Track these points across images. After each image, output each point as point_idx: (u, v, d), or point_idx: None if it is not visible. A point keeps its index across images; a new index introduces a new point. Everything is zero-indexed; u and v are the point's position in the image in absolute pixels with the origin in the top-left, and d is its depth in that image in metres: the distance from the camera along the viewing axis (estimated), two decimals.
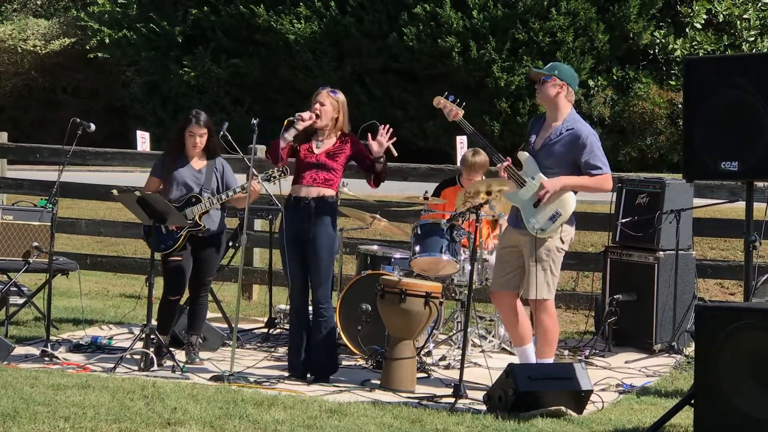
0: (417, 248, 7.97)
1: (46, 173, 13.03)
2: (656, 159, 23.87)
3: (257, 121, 7.71)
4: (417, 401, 7.02)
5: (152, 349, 7.83)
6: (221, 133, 8.32)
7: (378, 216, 8.96)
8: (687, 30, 24.57)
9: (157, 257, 8.13)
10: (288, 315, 8.31)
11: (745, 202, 6.68)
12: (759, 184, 8.60)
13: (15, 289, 9.39)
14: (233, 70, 26.40)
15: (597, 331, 9.20)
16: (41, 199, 9.43)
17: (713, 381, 5.93)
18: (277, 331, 9.19)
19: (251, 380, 7.45)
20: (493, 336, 8.93)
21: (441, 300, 7.79)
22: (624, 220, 9.17)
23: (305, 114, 7.62)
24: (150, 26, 27.28)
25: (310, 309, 7.73)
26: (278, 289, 9.71)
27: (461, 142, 15.76)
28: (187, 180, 8.16)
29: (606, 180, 7.32)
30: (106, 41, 27.97)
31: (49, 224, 8.97)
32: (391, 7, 24.55)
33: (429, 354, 8.33)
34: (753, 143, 6.31)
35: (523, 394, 6.60)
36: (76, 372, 7.63)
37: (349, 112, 7.82)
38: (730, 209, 10.49)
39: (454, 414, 6.59)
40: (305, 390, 7.31)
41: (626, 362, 8.56)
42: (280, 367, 7.96)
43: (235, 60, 26.29)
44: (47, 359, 8.00)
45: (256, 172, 7.92)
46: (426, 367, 7.99)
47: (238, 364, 7.77)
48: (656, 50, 24.69)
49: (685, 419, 6.32)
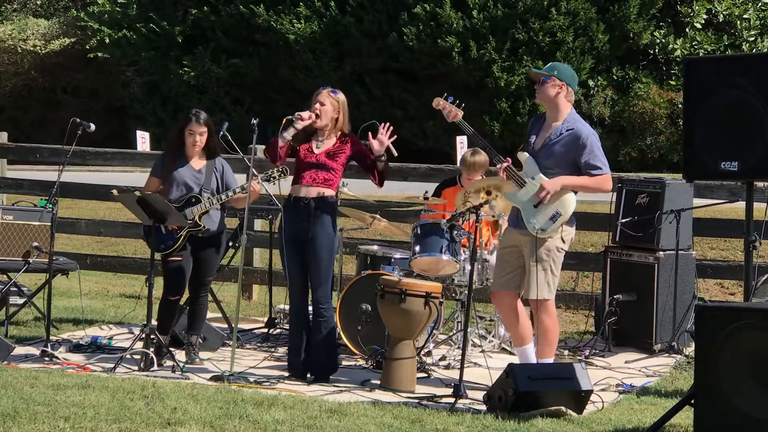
0: (417, 248, 7.97)
1: (46, 173, 13.02)
2: (656, 159, 23.86)
3: (257, 121, 7.70)
4: (417, 401, 7.02)
5: (152, 349, 7.83)
6: (221, 133, 8.32)
7: (378, 216, 8.95)
8: (687, 30, 24.55)
9: (157, 257, 8.13)
10: (288, 315, 8.31)
11: (745, 202, 6.68)
12: (759, 184, 8.60)
13: (15, 289, 9.39)
14: (233, 70, 26.39)
15: (597, 331, 9.19)
16: (41, 199, 9.42)
17: (713, 381, 5.93)
18: (277, 331, 9.19)
19: (251, 380, 7.45)
20: (493, 336, 8.93)
21: (441, 300, 7.79)
22: (624, 220, 9.17)
23: (305, 113, 7.61)
24: (150, 26, 27.26)
25: (310, 309, 7.73)
26: (278, 289, 9.70)
27: (461, 142, 15.74)
28: (187, 180, 8.15)
29: (606, 180, 7.32)
30: (106, 41, 27.96)
31: (49, 224, 8.97)
32: (391, 7, 24.54)
33: (429, 354, 8.33)
34: (753, 143, 6.31)
35: (523, 394, 6.60)
36: (76, 372, 7.62)
37: (349, 112, 7.81)
38: (730, 209, 10.49)
39: (454, 414, 6.58)
40: (305, 390, 7.30)
41: (626, 362, 8.56)
42: (280, 367, 7.96)
43: (235, 60, 26.28)
44: (47, 359, 8.00)
45: (256, 172, 7.92)
46: (426, 367, 7.99)
47: (238, 364, 7.77)
48: (656, 50, 24.67)
49: (685, 419, 6.31)
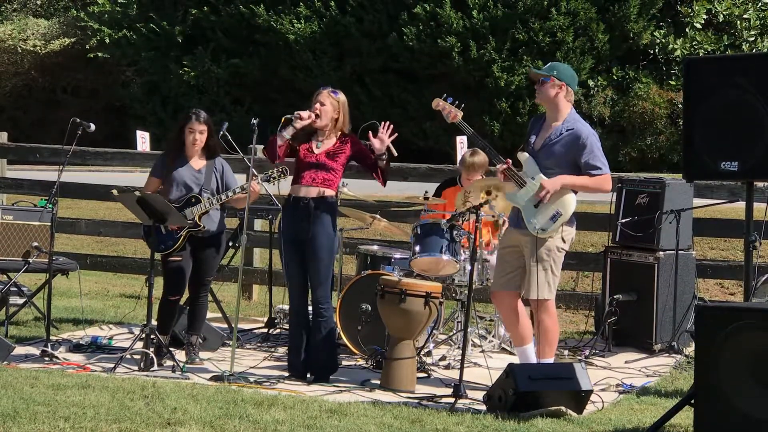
0: (417, 248, 7.96)
1: (46, 173, 13.02)
2: (656, 159, 23.86)
3: (257, 121, 7.70)
4: (417, 401, 7.02)
5: (152, 349, 7.82)
6: (221, 133, 8.32)
7: (378, 216, 8.95)
8: (687, 30, 24.55)
9: (157, 257, 8.13)
10: (288, 315, 8.31)
11: (745, 202, 6.68)
12: (759, 184, 8.60)
13: (15, 289, 9.39)
14: (233, 70, 26.39)
15: (597, 331, 9.19)
16: (41, 199, 9.43)
17: (713, 381, 5.93)
18: (277, 331, 9.19)
19: (251, 380, 7.45)
20: (493, 336, 8.93)
21: (441, 300, 7.79)
22: (624, 220, 9.17)
23: (304, 113, 7.61)
24: (150, 26, 27.26)
25: (310, 309, 7.73)
26: (278, 289, 9.70)
27: (461, 142, 15.74)
28: (187, 180, 8.15)
29: (605, 180, 7.32)
30: (106, 41, 27.96)
31: (49, 224, 8.97)
32: (391, 7, 24.54)
33: (429, 354, 8.33)
34: (753, 143, 6.31)
35: (523, 394, 6.60)
36: (76, 372, 7.62)
37: (350, 112, 7.80)
38: (730, 209, 10.49)
39: (454, 414, 6.58)
40: (305, 390, 7.30)
41: (626, 362, 8.56)
42: (280, 367, 7.96)
43: (235, 60, 26.28)
44: (47, 359, 8.00)
45: (256, 173, 7.91)
46: (426, 367, 7.99)
47: (238, 364, 7.77)
48: (656, 50, 24.67)
49: (685, 419, 6.31)
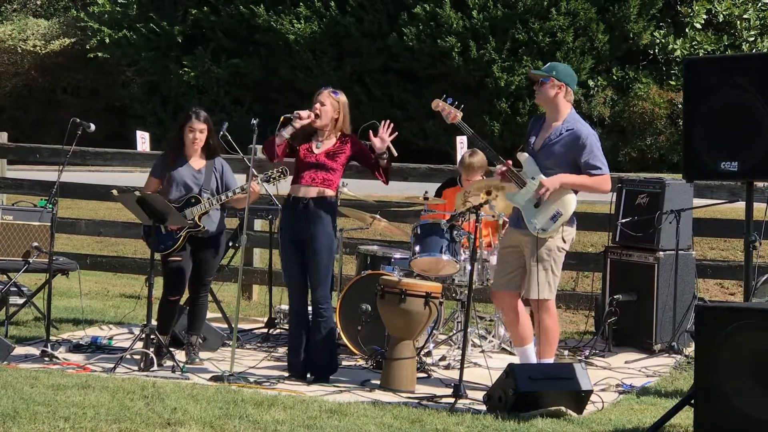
0: (417, 248, 7.96)
1: (46, 173, 13.02)
2: (656, 159, 23.85)
3: (257, 121, 7.70)
4: (417, 401, 7.02)
5: (152, 349, 7.82)
6: (221, 133, 8.32)
7: (378, 216, 8.95)
8: (687, 30, 24.55)
9: (157, 257, 8.13)
10: (288, 315, 8.31)
11: (745, 202, 6.68)
12: (759, 184, 8.60)
13: (15, 289, 9.39)
14: (233, 70, 26.39)
15: (597, 331, 9.19)
16: (41, 199, 9.43)
17: (713, 381, 5.92)
18: (277, 331, 9.20)
19: (251, 380, 7.45)
20: (493, 336, 8.93)
21: (441, 300, 7.79)
22: (624, 220, 9.17)
23: (303, 112, 7.60)
24: (150, 26, 27.26)
25: (310, 309, 7.73)
26: (278, 289, 9.70)
27: (461, 142, 15.73)
28: (187, 180, 8.15)
29: (605, 181, 7.32)
30: (106, 41, 27.96)
31: (49, 224, 8.97)
32: (391, 7, 24.53)
33: (429, 354, 8.33)
34: (753, 143, 6.31)
35: (523, 394, 6.60)
36: (76, 372, 7.62)
37: (350, 113, 7.81)
38: (730, 209, 10.49)
39: (454, 414, 6.58)
40: (305, 390, 7.30)
41: (626, 362, 8.55)
42: (280, 367, 7.96)
43: (235, 60, 26.28)
44: (47, 359, 7.99)
45: (256, 173, 7.91)
46: (426, 367, 7.99)
47: (238, 364, 7.77)
48: (656, 50, 24.67)
49: (685, 419, 6.31)
